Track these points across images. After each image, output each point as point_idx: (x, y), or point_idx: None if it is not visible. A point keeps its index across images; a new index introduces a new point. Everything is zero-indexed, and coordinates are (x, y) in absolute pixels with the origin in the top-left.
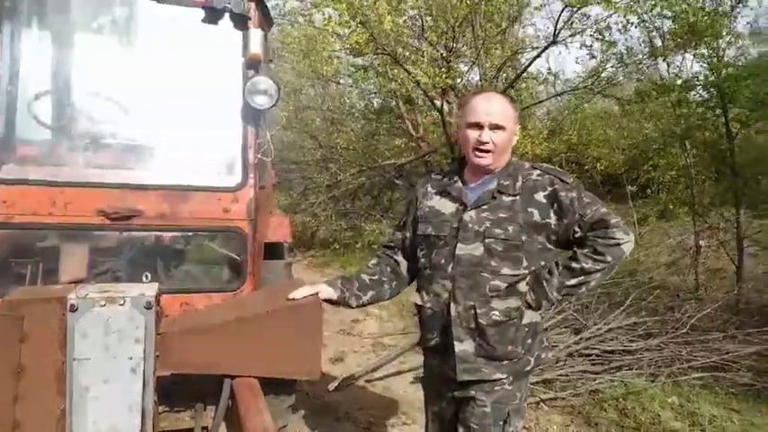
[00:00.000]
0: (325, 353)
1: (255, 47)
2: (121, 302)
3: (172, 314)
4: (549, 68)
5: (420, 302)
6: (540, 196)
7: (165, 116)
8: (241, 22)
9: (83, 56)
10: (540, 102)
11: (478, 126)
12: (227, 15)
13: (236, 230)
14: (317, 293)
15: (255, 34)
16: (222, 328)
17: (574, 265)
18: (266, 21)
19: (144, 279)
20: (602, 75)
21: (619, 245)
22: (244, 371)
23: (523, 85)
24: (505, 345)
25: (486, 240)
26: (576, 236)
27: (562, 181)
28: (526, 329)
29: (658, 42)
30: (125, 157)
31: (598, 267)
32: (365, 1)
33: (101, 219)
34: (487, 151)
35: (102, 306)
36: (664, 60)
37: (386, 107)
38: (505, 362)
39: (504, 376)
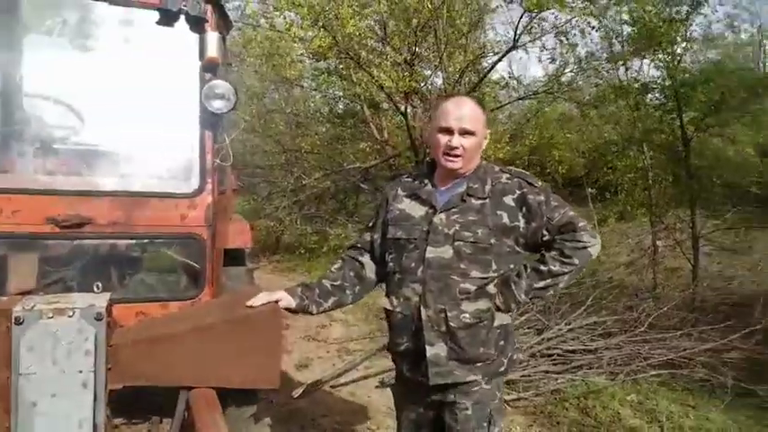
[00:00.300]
0: (290, 359)
1: (212, 50)
2: (70, 314)
3: (127, 324)
4: (511, 73)
5: (390, 307)
6: (509, 199)
7: (119, 121)
8: (197, 24)
9: (34, 58)
10: (502, 106)
11: (449, 131)
12: (182, 18)
13: (194, 237)
14: (275, 301)
15: (212, 37)
16: (178, 338)
17: (542, 267)
18: (224, 23)
19: (95, 289)
20: (563, 79)
21: (586, 248)
22: (201, 382)
23: (486, 89)
24: (477, 347)
25: (456, 243)
26: (544, 239)
27: (530, 184)
28: (498, 331)
29: (618, 47)
30: (77, 163)
31: (565, 270)
32: (327, 5)
33: (51, 227)
34: (457, 156)
35: (49, 318)
36: (623, 65)
37: (350, 111)
38: (478, 364)
39: (479, 377)
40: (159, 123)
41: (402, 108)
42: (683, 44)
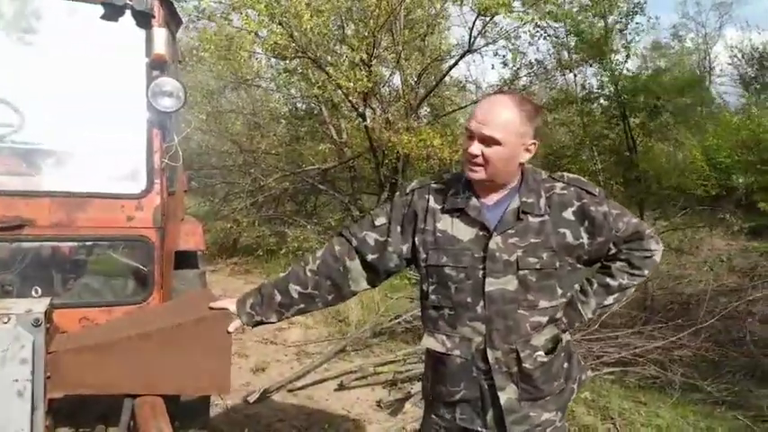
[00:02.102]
0: (246, 363)
1: (160, 46)
2: (5, 320)
3: (70, 331)
4: (468, 76)
5: (442, 350)
6: (569, 213)
7: (62, 118)
8: (144, 20)
9: None
10: (460, 108)
11: (471, 136)
12: (128, 13)
13: (141, 239)
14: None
15: (160, 33)
16: (122, 344)
17: (610, 282)
18: (173, 19)
19: (33, 293)
20: (518, 84)
21: (652, 256)
22: (147, 389)
23: (446, 92)
24: (551, 382)
25: (521, 272)
26: (610, 253)
27: (589, 193)
28: (562, 354)
29: (565, 56)
30: (16, 162)
31: (634, 282)
32: (284, 1)
33: None
34: (478, 165)
35: None
36: (570, 71)
37: (309, 112)
38: (549, 397)
39: (553, 414)
40: (104, 122)
41: (360, 110)
42: (625, 53)
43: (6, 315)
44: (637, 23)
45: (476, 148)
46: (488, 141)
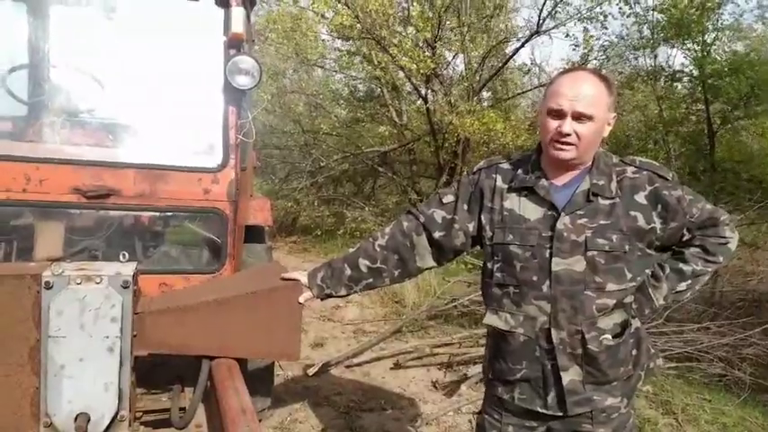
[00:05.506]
0: (305, 338)
1: (237, 26)
2: (98, 281)
3: (150, 295)
4: (533, 59)
5: (505, 327)
6: (641, 197)
7: (144, 94)
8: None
9: (60, 30)
10: (523, 92)
11: (560, 114)
12: None
13: (216, 212)
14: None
15: (238, 12)
16: (201, 308)
17: (683, 267)
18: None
19: (121, 258)
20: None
21: (727, 243)
22: (223, 352)
23: (509, 75)
24: (617, 367)
25: (589, 253)
26: (684, 239)
27: (662, 177)
28: (631, 340)
29: (646, 34)
30: (103, 135)
31: (708, 269)
32: None
33: (77, 197)
34: (569, 144)
35: (78, 284)
36: (652, 52)
37: (370, 94)
38: (615, 383)
39: (618, 400)
40: (184, 98)
41: (422, 92)
42: (713, 33)
43: (99, 276)
44: (734, 2)
45: (568, 126)
46: (581, 118)
